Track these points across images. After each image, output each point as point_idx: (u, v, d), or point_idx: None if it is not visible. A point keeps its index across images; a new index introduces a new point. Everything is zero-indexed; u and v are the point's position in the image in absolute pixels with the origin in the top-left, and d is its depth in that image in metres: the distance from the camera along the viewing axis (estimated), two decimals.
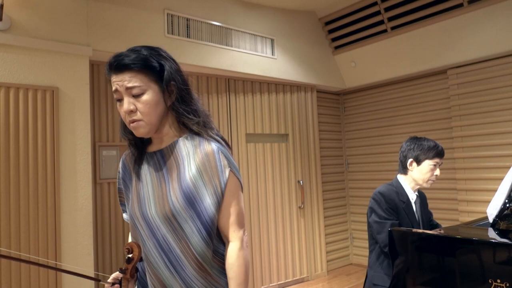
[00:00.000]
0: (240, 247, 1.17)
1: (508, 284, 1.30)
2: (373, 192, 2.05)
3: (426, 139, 2.04)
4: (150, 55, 1.15)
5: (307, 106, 4.58)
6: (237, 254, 1.16)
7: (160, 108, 1.16)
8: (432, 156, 1.99)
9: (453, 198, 3.98)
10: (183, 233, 1.14)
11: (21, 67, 2.61)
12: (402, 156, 2.07)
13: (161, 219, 1.15)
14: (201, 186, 1.14)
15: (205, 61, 3.53)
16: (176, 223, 1.14)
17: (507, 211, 1.60)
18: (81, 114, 2.83)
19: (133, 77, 1.11)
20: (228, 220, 1.17)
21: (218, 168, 1.15)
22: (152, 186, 1.19)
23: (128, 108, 1.12)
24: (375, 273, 1.98)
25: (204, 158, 1.15)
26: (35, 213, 2.58)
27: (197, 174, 1.15)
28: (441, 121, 4.10)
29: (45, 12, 2.72)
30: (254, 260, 3.99)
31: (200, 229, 1.14)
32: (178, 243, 1.15)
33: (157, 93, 1.14)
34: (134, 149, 1.26)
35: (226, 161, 1.17)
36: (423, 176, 2.01)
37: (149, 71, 1.13)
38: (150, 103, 1.13)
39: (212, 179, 1.15)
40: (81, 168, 2.80)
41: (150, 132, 1.17)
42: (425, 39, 3.93)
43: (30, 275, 2.53)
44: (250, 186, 4.02)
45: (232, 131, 3.95)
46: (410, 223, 1.98)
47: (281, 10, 4.25)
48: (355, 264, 4.97)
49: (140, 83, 1.12)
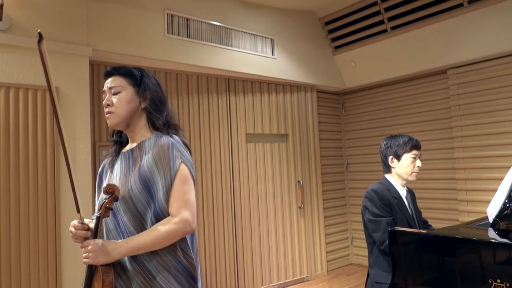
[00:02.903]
0: (174, 222, 1.28)
1: (508, 284, 1.30)
2: (366, 191, 2.10)
3: (400, 135, 2.14)
4: (135, 69, 1.46)
5: (307, 106, 4.58)
6: (168, 222, 1.28)
7: (132, 106, 1.42)
8: (410, 149, 2.08)
9: (453, 198, 3.98)
10: (137, 212, 1.31)
11: (21, 67, 2.61)
12: (383, 156, 2.17)
13: (121, 201, 1.33)
14: (155, 172, 1.33)
15: (205, 61, 3.53)
16: (131, 203, 1.32)
17: (507, 211, 1.60)
18: (81, 114, 2.83)
19: (115, 80, 1.43)
20: (174, 204, 1.31)
21: (170, 158, 1.33)
22: (119, 177, 1.40)
23: (106, 102, 1.41)
24: (376, 271, 1.99)
25: (159, 149, 1.35)
26: (35, 213, 2.57)
27: (153, 162, 1.34)
28: (441, 121, 4.10)
29: (45, 12, 2.72)
30: (254, 260, 3.99)
31: (152, 208, 1.31)
32: (132, 222, 1.32)
33: (131, 94, 1.42)
34: (114, 149, 1.52)
35: (178, 153, 1.35)
36: (405, 170, 2.08)
37: (129, 78, 1.43)
38: (122, 99, 1.40)
39: (164, 167, 1.33)
40: (81, 168, 2.80)
41: (119, 124, 1.42)
42: (425, 39, 3.93)
43: (30, 275, 2.53)
44: (250, 186, 4.02)
45: (232, 131, 3.95)
46: (404, 217, 2.02)
47: (281, 10, 4.25)
48: (355, 264, 4.97)
49: (119, 84, 1.42)
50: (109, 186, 1.28)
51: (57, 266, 2.63)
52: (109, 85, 1.42)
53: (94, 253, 1.23)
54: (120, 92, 1.41)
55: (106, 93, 1.43)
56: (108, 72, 1.46)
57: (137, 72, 1.46)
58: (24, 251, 2.52)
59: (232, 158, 3.92)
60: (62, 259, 2.66)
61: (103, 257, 1.25)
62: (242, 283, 3.90)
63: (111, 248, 1.25)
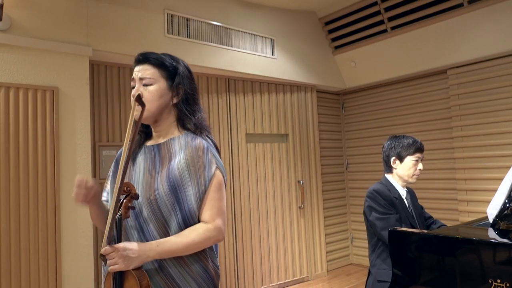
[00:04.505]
0: (209, 228, 1.23)
1: (508, 284, 1.30)
2: (367, 191, 2.11)
3: (404, 136, 2.12)
4: (168, 59, 1.35)
5: (307, 106, 4.58)
6: (202, 228, 1.22)
7: (162, 100, 1.30)
8: (413, 152, 2.06)
9: (453, 198, 3.98)
10: (162, 216, 1.23)
11: (21, 67, 2.61)
12: (385, 156, 2.15)
13: (144, 202, 1.24)
14: (186, 177, 1.24)
15: (205, 61, 3.53)
16: (156, 206, 1.23)
17: (507, 211, 1.60)
18: (81, 114, 2.83)
19: (147, 70, 1.30)
20: (208, 212, 1.25)
21: (205, 163, 1.25)
22: (143, 173, 1.30)
23: (135, 93, 1.28)
24: (378, 270, 1.98)
25: (193, 152, 1.26)
26: (35, 213, 2.57)
27: (185, 165, 1.25)
28: (441, 121, 4.10)
29: (45, 12, 2.72)
30: (254, 260, 3.99)
31: (178, 215, 1.22)
32: (156, 226, 1.23)
33: (163, 88, 1.31)
34: (137, 139, 1.37)
35: (213, 158, 1.27)
36: (407, 172, 2.07)
37: (162, 69, 1.32)
38: (154, 93, 1.29)
39: (198, 171, 1.24)
40: (81, 168, 2.80)
41: (147, 118, 1.29)
42: (425, 39, 3.93)
43: (30, 275, 2.53)
44: (250, 186, 4.02)
45: (232, 131, 3.95)
46: (406, 217, 2.02)
47: (281, 10, 4.25)
48: (355, 264, 4.97)
49: (151, 76, 1.30)
50: (126, 184, 1.19)
51: (57, 266, 2.63)
52: (139, 74, 1.30)
53: (123, 258, 1.12)
54: (151, 85, 1.29)
55: (135, 82, 1.32)
56: (140, 59, 1.33)
57: (170, 63, 1.34)
58: (24, 251, 2.52)
59: (232, 158, 3.92)
60: (62, 259, 2.66)
61: (134, 261, 1.14)
62: (242, 283, 3.90)
63: (140, 251, 1.16)
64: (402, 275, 1.67)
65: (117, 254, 1.12)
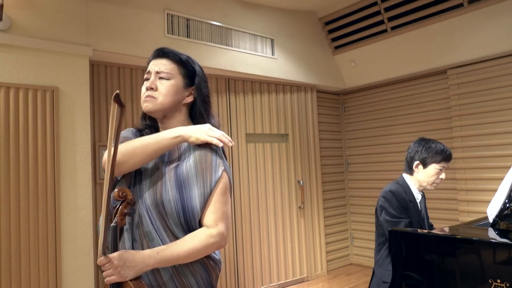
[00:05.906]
0: (211, 234, 1.17)
1: (508, 284, 1.30)
2: (383, 190, 2.03)
3: (434, 141, 2.02)
4: (188, 58, 1.34)
5: (307, 106, 4.58)
6: (205, 234, 1.17)
7: (177, 97, 1.28)
8: (439, 160, 1.98)
9: (453, 198, 3.98)
10: (166, 215, 1.18)
11: (21, 67, 2.61)
12: (409, 157, 2.06)
13: (153, 204, 1.19)
14: (192, 176, 1.21)
15: (205, 61, 3.53)
16: (161, 206, 1.18)
17: (507, 211, 1.60)
18: (81, 114, 2.83)
19: (165, 64, 1.28)
20: (212, 216, 1.20)
21: (213, 164, 1.23)
22: (151, 171, 1.25)
23: (150, 84, 1.26)
24: (384, 270, 1.95)
25: (202, 153, 1.23)
26: (35, 213, 2.57)
27: (193, 165, 1.22)
28: (441, 121, 4.10)
29: (45, 12, 2.72)
30: (254, 260, 3.99)
31: (180, 214, 1.18)
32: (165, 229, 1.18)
33: (180, 85, 1.29)
34: (145, 134, 1.31)
35: (221, 161, 1.26)
36: (428, 179, 2.01)
37: (181, 67, 1.30)
38: (170, 88, 1.27)
39: (204, 172, 1.21)
40: (81, 168, 2.80)
41: (157, 111, 1.27)
42: (425, 39, 3.93)
43: (30, 275, 2.53)
44: (250, 186, 4.02)
45: (232, 131, 3.95)
46: (417, 221, 1.99)
47: (281, 10, 4.25)
48: (355, 264, 4.97)
49: (169, 71, 1.28)
50: (121, 190, 1.15)
51: (57, 266, 2.63)
52: (156, 68, 1.27)
53: (120, 269, 1.05)
54: (168, 80, 1.27)
55: (150, 74, 1.28)
56: (159, 53, 1.31)
57: (189, 62, 1.33)
58: (24, 251, 2.52)
59: (232, 158, 3.92)
60: (62, 259, 2.66)
61: (131, 271, 1.07)
62: (242, 283, 3.90)
63: (138, 260, 1.09)
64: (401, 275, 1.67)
65: (112, 265, 1.05)
